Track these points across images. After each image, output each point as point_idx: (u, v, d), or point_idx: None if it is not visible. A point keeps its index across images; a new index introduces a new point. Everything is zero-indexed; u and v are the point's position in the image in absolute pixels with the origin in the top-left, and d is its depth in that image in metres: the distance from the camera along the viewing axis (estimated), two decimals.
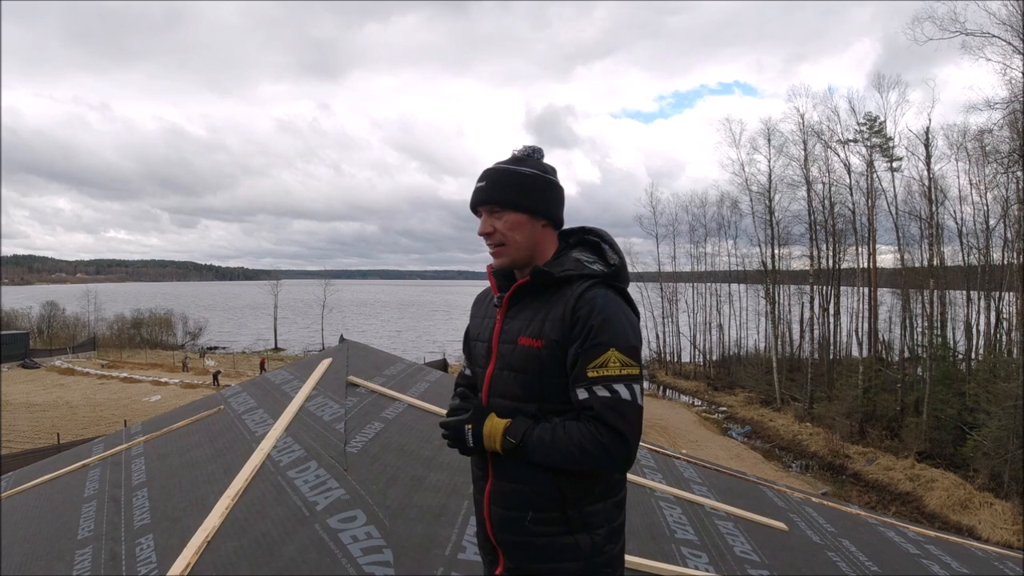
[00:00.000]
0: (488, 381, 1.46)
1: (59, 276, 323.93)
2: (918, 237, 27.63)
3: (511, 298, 1.46)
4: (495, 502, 1.44)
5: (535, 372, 1.38)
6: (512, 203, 1.45)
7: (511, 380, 1.42)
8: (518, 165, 1.49)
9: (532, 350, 1.38)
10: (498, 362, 1.45)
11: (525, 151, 1.53)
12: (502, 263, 1.48)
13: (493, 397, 1.45)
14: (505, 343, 1.44)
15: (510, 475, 1.41)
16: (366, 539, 2.12)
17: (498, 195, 1.46)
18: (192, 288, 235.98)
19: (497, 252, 1.47)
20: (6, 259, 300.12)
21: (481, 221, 1.49)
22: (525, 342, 1.39)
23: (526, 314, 1.43)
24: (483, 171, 1.50)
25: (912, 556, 3.46)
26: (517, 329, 1.43)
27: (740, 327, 41.02)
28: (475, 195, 1.49)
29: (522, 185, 1.46)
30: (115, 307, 60.40)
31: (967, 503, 17.97)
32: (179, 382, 33.54)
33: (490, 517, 1.45)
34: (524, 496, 1.39)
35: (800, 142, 31.46)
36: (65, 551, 2.63)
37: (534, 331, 1.39)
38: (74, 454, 4.45)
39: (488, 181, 1.47)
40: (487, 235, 1.47)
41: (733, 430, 27.75)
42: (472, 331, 1.60)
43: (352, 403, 3.57)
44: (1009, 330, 24.77)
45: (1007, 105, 21.70)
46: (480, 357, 1.52)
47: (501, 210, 1.46)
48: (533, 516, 1.39)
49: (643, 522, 2.88)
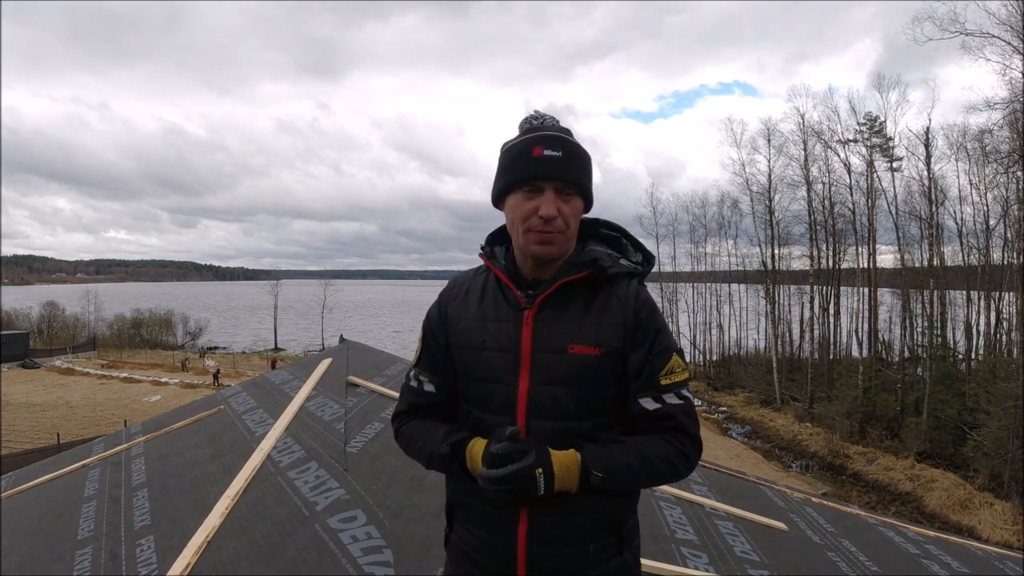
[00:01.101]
0: (526, 400, 1.17)
1: (59, 276, 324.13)
2: (918, 237, 27.68)
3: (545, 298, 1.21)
4: (539, 541, 1.17)
5: (589, 385, 1.18)
6: (583, 187, 1.21)
7: (562, 396, 1.17)
8: (570, 136, 1.24)
9: (588, 359, 1.17)
10: (536, 376, 1.17)
11: (554, 119, 1.27)
12: (550, 253, 1.20)
13: (535, 419, 1.17)
14: (545, 352, 1.18)
15: (560, 507, 1.16)
16: (366, 539, 2.12)
17: (575, 174, 1.20)
18: (192, 288, 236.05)
19: (551, 239, 1.18)
20: (6, 259, 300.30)
21: (544, 199, 1.17)
22: (580, 350, 1.17)
23: (569, 317, 1.20)
24: (542, 134, 1.21)
25: (912, 556, 3.46)
26: (562, 335, 1.18)
27: (740, 327, 41.05)
28: (546, 164, 1.17)
29: (589, 167, 1.24)
30: (115, 307, 60.39)
31: (967, 503, 17.97)
32: (179, 382, 33.53)
33: (529, 559, 1.18)
34: (582, 528, 1.19)
35: (800, 142, 31.52)
36: (65, 551, 2.63)
37: (589, 337, 1.18)
38: (74, 454, 4.44)
39: (565, 153, 1.19)
40: (548, 219, 1.17)
41: (733, 430, 27.75)
42: (471, 337, 1.25)
43: (352, 403, 3.57)
44: (1009, 330, 24.77)
45: (1007, 105, 21.71)
46: (499, 371, 1.20)
47: (572, 193, 1.20)
48: (595, 547, 1.20)
49: (643, 522, 2.86)
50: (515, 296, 1.23)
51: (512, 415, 1.18)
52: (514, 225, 1.22)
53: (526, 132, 1.24)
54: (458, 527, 1.28)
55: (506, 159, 1.24)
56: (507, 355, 1.20)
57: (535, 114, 1.28)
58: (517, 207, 1.20)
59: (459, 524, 1.27)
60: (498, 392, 1.20)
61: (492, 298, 1.26)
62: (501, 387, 1.19)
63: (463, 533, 1.25)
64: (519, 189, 1.19)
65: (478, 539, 1.22)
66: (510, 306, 1.23)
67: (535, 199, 1.18)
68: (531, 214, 1.18)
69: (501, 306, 1.24)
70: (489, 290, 1.27)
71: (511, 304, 1.23)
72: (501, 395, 1.19)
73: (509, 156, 1.23)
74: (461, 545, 1.26)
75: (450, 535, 1.31)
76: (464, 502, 1.25)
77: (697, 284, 43.37)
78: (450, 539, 1.31)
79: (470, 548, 1.23)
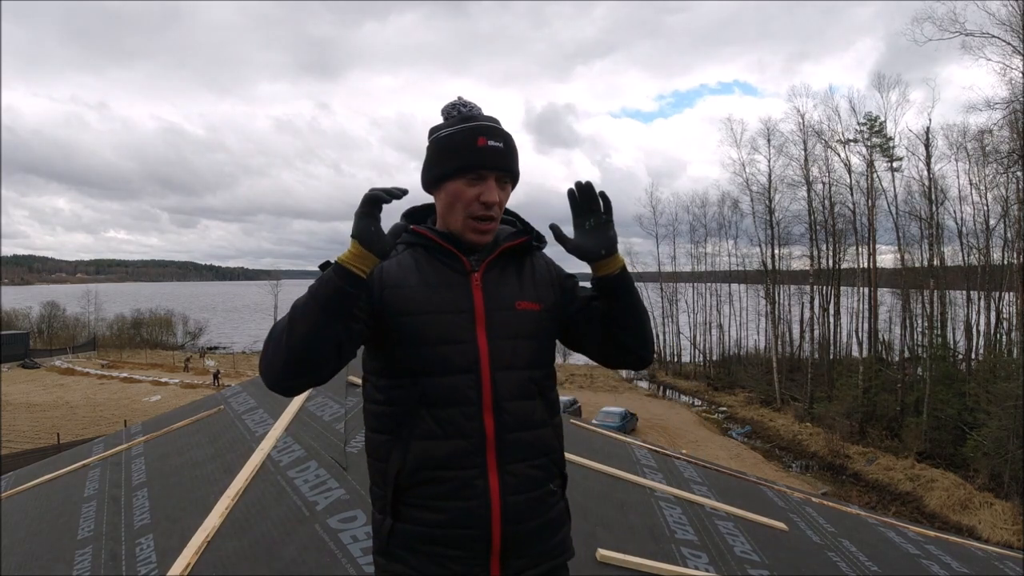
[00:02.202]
0: (488, 354, 1.22)
1: (59, 276, 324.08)
2: (918, 237, 27.69)
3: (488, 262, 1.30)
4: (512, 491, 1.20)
5: (537, 337, 1.29)
6: (516, 176, 1.33)
7: (520, 348, 1.26)
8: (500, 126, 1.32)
9: (533, 314, 1.29)
10: (493, 331, 1.24)
11: (479, 107, 1.35)
12: (486, 240, 1.29)
13: (499, 371, 1.22)
14: (497, 309, 1.25)
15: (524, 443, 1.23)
16: (366, 539, 2.12)
17: (514, 162, 1.31)
18: (192, 288, 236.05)
19: (489, 228, 1.28)
20: (6, 259, 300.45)
21: (488, 187, 1.25)
22: (525, 306, 1.28)
23: (509, 278, 1.30)
24: (484, 124, 1.28)
25: (912, 556, 3.46)
26: (509, 293, 1.28)
27: (740, 327, 41.06)
28: (491, 155, 1.26)
29: (519, 156, 1.34)
30: (115, 307, 60.39)
31: (967, 503, 17.98)
32: (179, 382, 33.55)
33: (504, 513, 1.19)
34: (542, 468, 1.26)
35: (800, 142, 31.55)
36: (65, 551, 2.63)
37: (529, 295, 1.30)
38: (74, 454, 4.44)
39: (506, 144, 1.28)
40: (491, 205, 1.25)
41: (733, 430, 27.75)
42: (419, 303, 1.23)
43: (352, 403, 3.57)
44: (1009, 330, 24.77)
45: (1007, 105, 21.75)
46: (457, 331, 1.22)
47: (508, 182, 1.31)
48: (552, 486, 1.28)
49: (643, 522, 2.88)
50: (460, 261, 1.28)
51: (477, 371, 1.21)
52: (453, 209, 1.27)
53: (462, 120, 1.29)
54: (410, 511, 1.20)
55: (445, 146, 1.28)
56: (462, 315, 1.24)
57: (461, 101, 1.33)
58: (459, 193, 1.26)
59: (412, 507, 1.20)
60: (459, 351, 1.21)
61: (431, 267, 1.27)
62: (461, 346, 1.22)
63: (421, 514, 1.19)
64: (462, 177, 1.25)
65: (445, 511, 1.17)
66: (454, 271, 1.27)
67: (477, 187, 1.25)
68: (473, 200, 1.25)
69: (445, 272, 1.27)
70: (423, 261, 1.28)
71: (455, 269, 1.27)
72: (461, 353, 1.21)
73: (450, 143, 1.27)
74: (417, 528, 1.19)
75: (395, 525, 1.21)
76: (422, 479, 1.19)
77: (697, 284, 43.41)
78: (395, 531, 1.20)
79: (434, 526, 1.18)
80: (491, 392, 1.20)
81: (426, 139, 1.33)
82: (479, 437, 1.19)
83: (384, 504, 1.24)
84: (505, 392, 1.21)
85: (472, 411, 1.19)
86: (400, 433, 1.21)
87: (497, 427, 1.20)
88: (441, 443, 1.19)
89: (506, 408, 1.21)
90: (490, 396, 1.20)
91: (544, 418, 1.28)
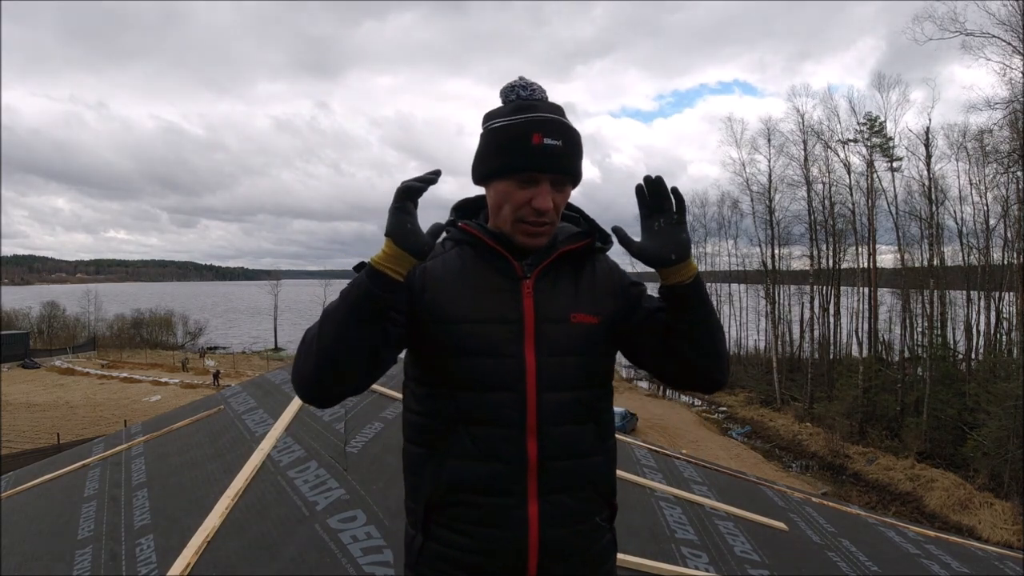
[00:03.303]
0: (535, 372, 1.10)
1: (59, 276, 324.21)
2: (918, 237, 27.71)
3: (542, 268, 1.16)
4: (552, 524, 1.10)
5: (591, 353, 1.15)
6: (578, 176, 1.16)
7: (570, 366, 1.12)
8: (565, 118, 1.15)
9: (590, 327, 1.14)
10: (542, 347, 1.11)
11: (543, 90, 1.18)
12: (538, 245, 1.15)
13: (546, 392, 1.10)
14: (548, 321, 1.12)
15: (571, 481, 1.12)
16: (366, 539, 2.12)
17: (573, 164, 1.14)
18: (192, 288, 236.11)
19: (541, 232, 1.13)
20: (6, 259, 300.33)
21: (540, 192, 1.10)
22: (581, 318, 1.14)
23: (565, 286, 1.16)
24: (541, 117, 1.11)
25: (912, 556, 3.46)
26: (563, 304, 1.14)
27: (740, 327, 41.05)
28: (545, 157, 1.09)
29: (582, 151, 1.17)
30: (115, 307, 60.42)
31: (967, 503, 17.99)
32: (179, 382, 33.56)
33: (543, 546, 1.09)
34: (589, 502, 1.15)
35: (800, 142, 31.55)
36: (65, 551, 2.63)
37: (586, 306, 1.15)
38: (74, 454, 4.44)
39: (565, 142, 1.11)
40: (543, 212, 1.11)
41: (733, 430, 27.76)
42: (462, 309, 1.12)
43: (352, 403, 3.57)
44: (1009, 330, 24.78)
45: (1007, 105, 21.76)
46: (501, 344, 1.10)
47: (566, 184, 1.15)
48: (599, 520, 1.17)
49: (643, 522, 2.88)
50: (510, 266, 1.15)
51: (521, 389, 1.09)
52: (501, 210, 1.14)
53: (518, 110, 1.13)
54: (442, 531, 1.12)
55: (497, 140, 1.13)
56: (510, 326, 1.11)
57: (523, 83, 1.17)
58: (508, 195, 1.12)
59: (445, 528, 1.12)
60: (502, 366, 1.09)
61: (479, 270, 1.15)
62: (505, 361, 1.09)
63: (452, 537, 1.11)
64: (512, 177, 1.11)
65: (478, 538, 1.09)
66: (504, 276, 1.14)
67: (529, 189, 1.11)
68: (523, 204, 1.11)
69: (493, 277, 1.14)
70: (471, 262, 1.16)
71: (504, 274, 1.14)
72: (506, 369, 1.09)
73: (501, 138, 1.12)
74: (447, 550, 1.11)
75: (425, 543, 1.13)
76: (456, 500, 1.11)
77: None
78: (426, 549, 1.13)
79: (465, 551, 1.10)
80: (536, 414, 1.08)
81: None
82: (520, 462, 1.08)
83: (416, 520, 1.16)
84: (551, 415, 1.10)
85: (513, 433, 1.08)
86: (436, 448, 1.12)
87: (540, 453, 1.09)
88: (478, 465, 1.09)
89: (551, 433, 1.09)
90: (534, 418, 1.08)
91: (595, 444, 1.15)
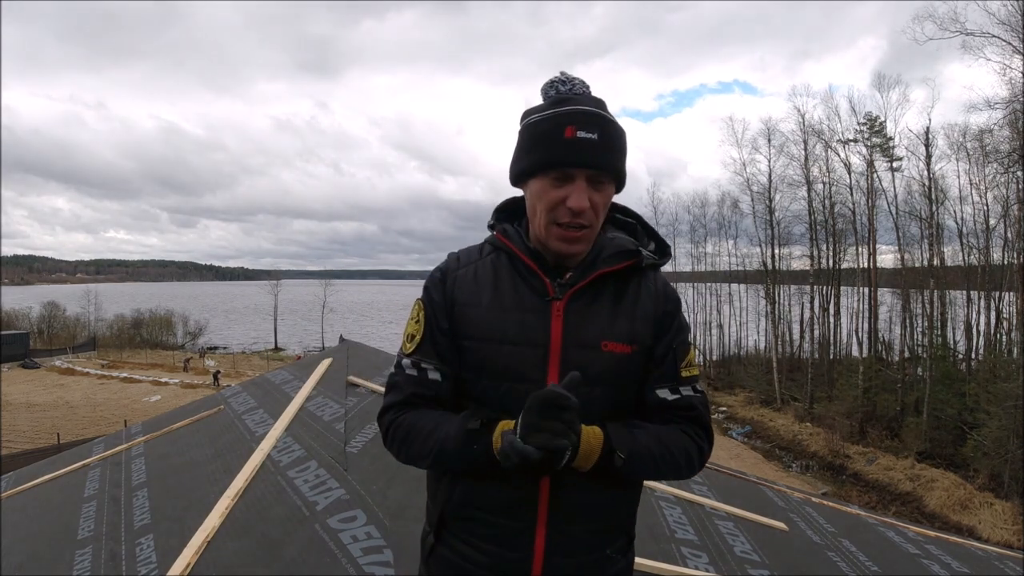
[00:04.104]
0: None
1: (59, 276, 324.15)
2: (918, 237, 27.71)
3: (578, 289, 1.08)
4: (559, 552, 1.08)
5: (620, 383, 1.09)
6: (619, 172, 1.07)
7: (596, 396, 1.05)
8: (605, 111, 1.07)
9: (622, 357, 1.07)
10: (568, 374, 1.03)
11: (584, 84, 1.10)
12: (575, 252, 1.07)
13: None
14: (577, 347, 1.06)
15: (581, 513, 1.08)
16: (366, 539, 2.12)
17: (612, 159, 1.05)
18: (192, 288, 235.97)
19: (578, 237, 1.06)
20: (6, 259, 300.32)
21: (575, 189, 1.03)
22: (613, 347, 1.07)
23: (600, 310, 1.08)
24: (576, 109, 1.04)
25: (912, 556, 3.46)
26: (595, 330, 1.07)
27: (740, 327, 41.05)
28: (579, 150, 1.02)
29: (625, 147, 1.08)
30: (115, 307, 60.39)
31: (967, 503, 17.97)
32: (179, 382, 33.54)
33: (547, 573, 1.07)
34: (601, 533, 1.11)
35: (800, 142, 31.53)
36: (65, 551, 2.63)
37: (622, 333, 1.08)
38: (74, 454, 4.44)
39: (602, 135, 1.03)
40: (579, 211, 1.03)
41: (733, 430, 27.74)
42: (488, 328, 1.08)
43: (352, 403, 3.57)
44: (1009, 330, 24.77)
45: (1007, 105, 21.74)
46: (524, 368, 1.06)
47: (605, 181, 1.06)
48: (611, 551, 1.13)
49: (643, 522, 2.88)
50: (542, 283, 1.08)
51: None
52: (536, 212, 1.08)
53: (555, 103, 1.06)
54: (453, 540, 1.12)
55: (531, 135, 1.07)
56: (534, 350, 1.06)
57: (563, 77, 1.10)
58: (542, 194, 1.05)
59: (455, 538, 1.12)
60: (523, 392, 1.01)
61: (510, 284, 1.10)
62: (526, 386, 1.02)
63: (463, 548, 1.11)
64: (545, 174, 1.04)
65: (485, 554, 1.08)
66: (535, 294, 1.08)
67: (564, 187, 1.04)
68: (558, 203, 1.04)
69: (524, 294, 1.09)
70: (504, 274, 1.11)
71: (536, 292, 1.08)
72: (525, 394, 1.00)
73: (535, 132, 1.06)
74: (456, 560, 1.11)
75: (436, 547, 1.15)
76: (467, 515, 1.10)
77: (697, 284, 43.39)
78: (436, 552, 1.15)
79: (471, 564, 1.09)
80: None
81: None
82: (531, 489, 1.06)
83: (431, 520, 1.17)
84: None
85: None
86: None
87: (553, 484, 1.06)
88: (492, 486, 1.06)
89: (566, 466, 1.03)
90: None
91: (614, 479, 1.08)
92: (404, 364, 1.15)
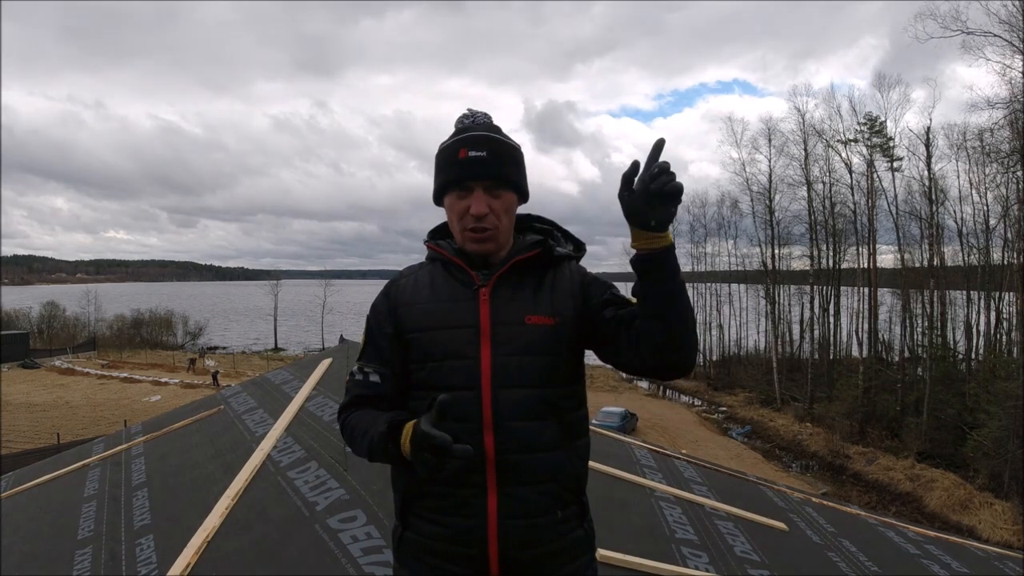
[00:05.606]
0: (490, 370, 1.20)
1: (59, 276, 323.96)
2: (918, 237, 27.71)
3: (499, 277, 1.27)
4: (511, 515, 1.18)
5: (549, 353, 1.23)
6: (512, 181, 1.28)
7: (529, 364, 1.21)
8: (497, 134, 1.30)
9: (545, 328, 1.23)
10: (498, 347, 1.21)
11: (485, 116, 1.33)
12: (487, 250, 1.27)
13: (501, 388, 1.19)
14: (503, 324, 1.22)
15: (530, 475, 1.19)
16: (366, 539, 2.12)
17: (502, 170, 1.26)
18: (192, 288, 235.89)
19: (484, 237, 1.25)
20: (6, 259, 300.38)
21: (474, 198, 1.24)
22: (536, 320, 1.23)
23: (523, 293, 1.26)
24: (468, 135, 1.27)
25: (912, 556, 3.46)
26: (519, 308, 1.24)
27: (740, 327, 41.06)
28: (471, 166, 1.24)
29: (517, 160, 1.30)
30: (115, 307, 60.37)
31: (967, 503, 17.98)
32: (179, 382, 33.54)
33: (502, 535, 1.18)
34: (551, 494, 1.21)
35: (801, 142, 31.53)
36: (65, 551, 2.63)
37: (543, 308, 1.24)
38: (74, 454, 4.44)
39: (489, 151, 1.25)
40: (479, 216, 1.23)
41: (733, 430, 27.75)
42: (427, 318, 1.26)
43: None
44: (1009, 330, 24.79)
45: (1007, 105, 21.75)
46: (460, 346, 1.22)
47: (500, 188, 1.26)
48: (563, 515, 1.23)
49: (643, 522, 2.88)
50: (469, 276, 1.28)
51: (477, 387, 1.19)
52: (452, 223, 1.30)
53: (456, 133, 1.30)
54: (417, 521, 1.24)
55: (439, 161, 1.30)
56: (468, 330, 1.23)
57: (467, 113, 1.33)
58: (452, 207, 1.28)
59: (418, 518, 1.24)
60: (461, 367, 1.21)
61: (444, 281, 1.30)
62: (464, 362, 1.21)
63: (425, 526, 1.22)
64: (452, 190, 1.27)
65: (446, 526, 1.20)
66: (464, 286, 1.27)
67: (467, 199, 1.25)
68: (464, 212, 1.25)
69: (454, 287, 1.28)
70: (439, 276, 1.31)
71: (464, 284, 1.28)
72: (464, 369, 1.21)
73: (441, 158, 1.29)
74: (421, 539, 1.23)
75: (404, 533, 1.27)
76: (425, 491, 1.21)
77: (697, 284, 43.39)
78: (404, 537, 1.26)
79: (435, 539, 1.21)
80: (491, 410, 1.18)
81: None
82: (478, 456, 1.15)
83: (397, 511, 1.29)
84: (507, 411, 1.19)
85: (472, 428, 1.16)
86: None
87: (498, 447, 1.18)
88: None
89: (508, 427, 1.18)
90: (490, 414, 1.18)
91: (557, 440, 1.22)
92: (353, 370, 1.35)
